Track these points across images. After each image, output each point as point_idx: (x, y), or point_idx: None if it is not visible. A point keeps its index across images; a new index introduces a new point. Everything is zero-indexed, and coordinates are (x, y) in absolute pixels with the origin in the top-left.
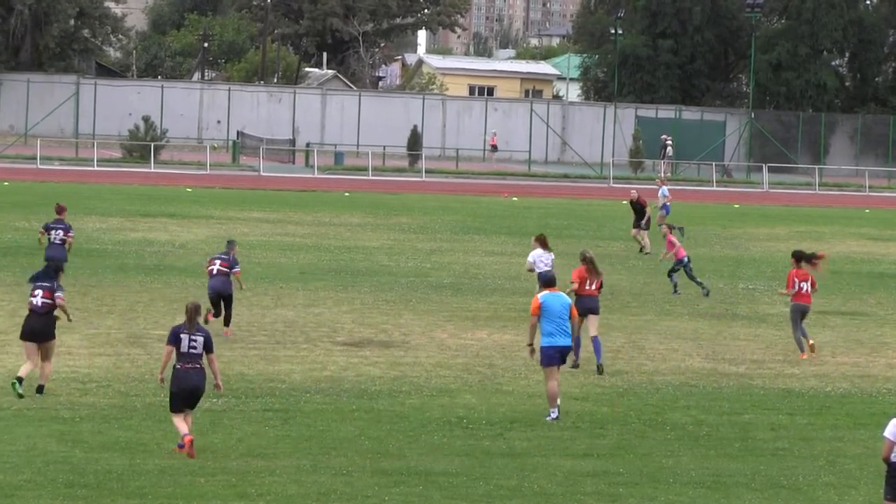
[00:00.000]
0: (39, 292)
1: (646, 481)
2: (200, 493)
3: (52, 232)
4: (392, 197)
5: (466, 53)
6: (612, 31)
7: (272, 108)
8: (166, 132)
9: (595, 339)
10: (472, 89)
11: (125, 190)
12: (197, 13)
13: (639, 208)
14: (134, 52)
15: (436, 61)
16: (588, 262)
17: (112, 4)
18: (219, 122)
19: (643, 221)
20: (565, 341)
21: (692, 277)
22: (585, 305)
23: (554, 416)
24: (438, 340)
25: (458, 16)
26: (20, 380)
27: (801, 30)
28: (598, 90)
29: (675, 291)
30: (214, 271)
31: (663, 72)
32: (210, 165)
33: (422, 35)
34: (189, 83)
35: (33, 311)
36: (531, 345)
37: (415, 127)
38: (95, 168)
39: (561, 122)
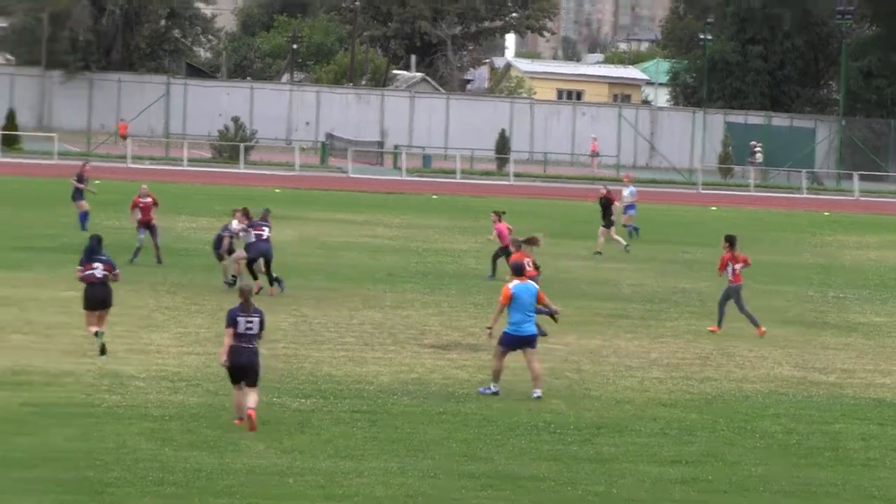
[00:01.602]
0: (99, 265)
1: (735, 489)
2: (289, 493)
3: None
4: (479, 200)
5: (555, 57)
6: (701, 37)
7: (361, 110)
8: (255, 133)
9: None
10: (560, 93)
11: (214, 190)
12: (286, 15)
13: (606, 205)
14: (224, 53)
15: (524, 65)
16: (519, 245)
17: (202, 5)
18: (307, 123)
19: (609, 219)
20: (530, 329)
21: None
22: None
23: (494, 389)
24: None
25: (547, 20)
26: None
27: (892, 37)
28: (687, 95)
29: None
30: (264, 236)
31: (753, 78)
32: (299, 167)
33: (510, 39)
34: (278, 85)
35: (95, 282)
36: (490, 328)
37: (503, 130)
38: (185, 168)
39: (649, 127)
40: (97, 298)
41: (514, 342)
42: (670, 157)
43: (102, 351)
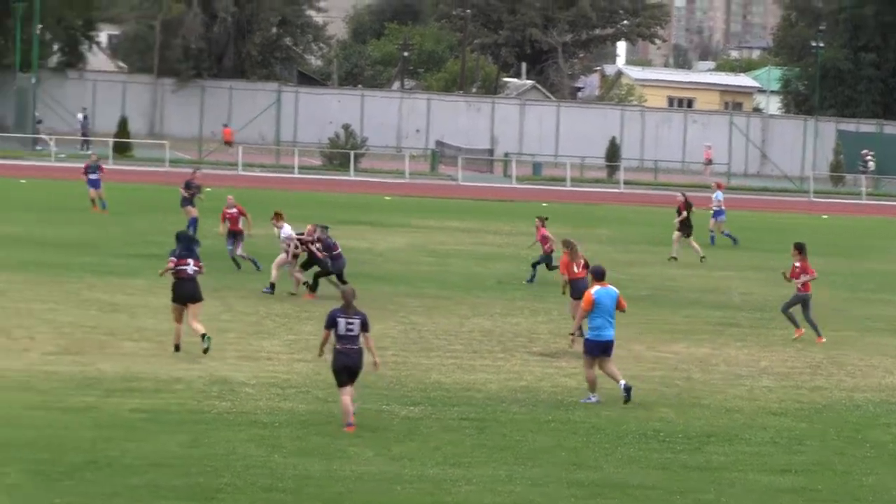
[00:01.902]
0: (192, 261)
1: (845, 499)
2: (397, 500)
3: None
4: (590, 208)
5: (666, 65)
6: (813, 44)
7: (471, 117)
8: (366, 140)
9: None
10: (671, 101)
11: (324, 198)
12: (397, 22)
13: (687, 211)
14: (335, 60)
15: (635, 72)
16: (569, 246)
17: (313, 13)
18: (418, 131)
19: (683, 225)
20: (610, 334)
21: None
22: (580, 288)
23: (594, 399)
24: (635, 352)
25: (658, 27)
26: (204, 335)
27: None
28: (799, 103)
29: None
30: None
31: (865, 86)
32: (409, 174)
33: (621, 46)
34: (389, 92)
35: (185, 277)
36: (573, 334)
37: (613, 138)
38: (296, 175)
39: (760, 135)
40: (186, 293)
41: (596, 348)
42: (781, 165)
43: (206, 350)
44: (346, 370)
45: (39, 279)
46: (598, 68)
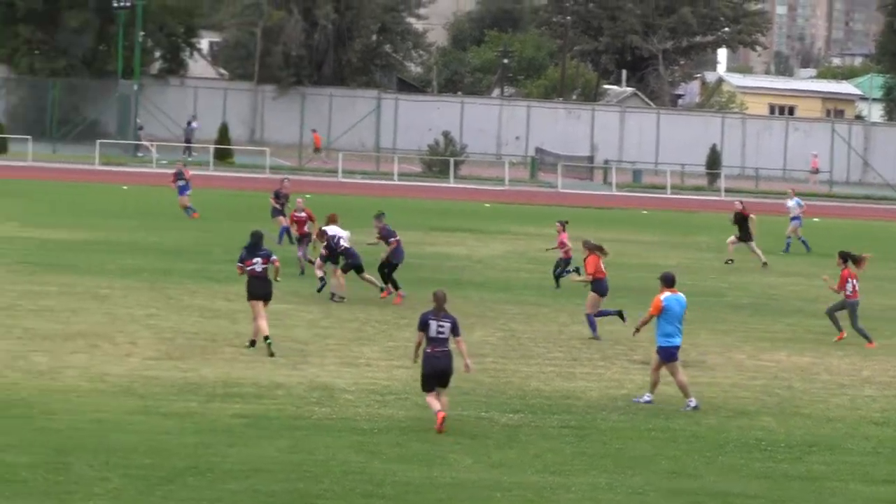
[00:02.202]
0: (259, 260)
1: None
2: None
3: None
4: (690, 215)
5: (767, 72)
6: None
7: (570, 124)
8: (465, 147)
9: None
10: (772, 108)
11: (424, 204)
12: (497, 30)
13: (741, 220)
14: (434, 67)
15: (736, 80)
16: (597, 249)
17: (413, 20)
18: (517, 138)
19: (747, 233)
20: (679, 341)
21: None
22: (605, 287)
23: (693, 404)
24: (736, 361)
25: (759, 34)
26: (266, 338)
27: None
28: None
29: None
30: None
31: None
32: (508, 181)
33: (722, 53)
34: (488, 99)
35: (255, 276)
36: (638, 330)
37: (714, 145)
38: (395, 182)
39: (863, 143)
40: (258, 290)
41: (669, 354)
42: (884, 173)
43: (270, 350)
44: (437, 373)
45: (141, 285)
46: (699, 75)
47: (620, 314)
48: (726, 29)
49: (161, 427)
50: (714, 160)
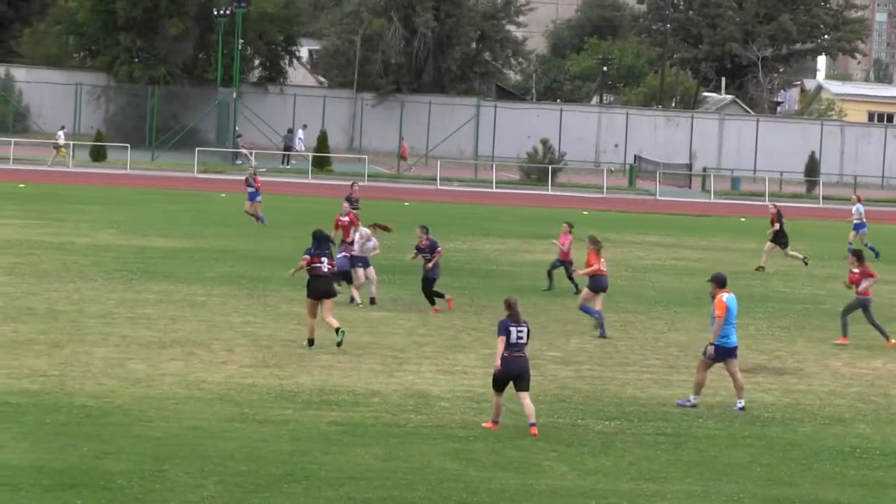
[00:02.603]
0: (325, 259)
1: None
2: None
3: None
4: (788, 223)
5: (866, 79)
6: None
7: (669, 132)
8: (564, 155)
9: (600, 313)
10: (871, 116)
11: (522, 212)
12: (597, 37)
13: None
14: (534, 75)
15: (835, 87)
16: (596, 243)
17: (513, 28)
18: (616, 145)
19: (782, 238)
20: (735, 340)
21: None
22: (602, 284)
23: (693, 401)
24: (832, 368)
25: (859, 41)
26: (339, 329)
27: None
28: None
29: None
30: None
31: None
32: (606, 189)
33: (821, 61)
34: (587, 107)
35: (321, 275)
36: (713, 344)
37: (812, 153)
38: (493, 190)
39: None
40: (321, 289)
41: (723, 354)
42: None
43: (339, 344)
44: (519, 377)
45: (238, 292)
46: (798, 83)
47: (600, 325)
48: (826, 36)
49: (257, 434)
50: (812, 167)
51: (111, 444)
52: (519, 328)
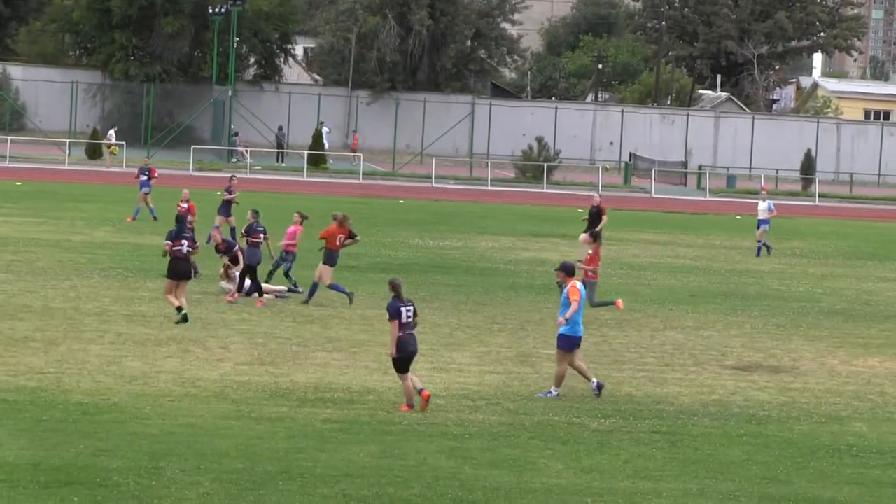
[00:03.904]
0: (185, 242)
1: None
2: None
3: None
4: (784, 221)
5: (862, 77)
6: None
7: (665, 130)
8: (559, 153)
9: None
10: (867, 113)
11: (517, 210)
12: (592, 35)
13: (595, 214)
14: (529, 73)
15: (831, 85)
16: (340, 220)
17: (508, 26)
18: (611, 143)
19: (596, 230)
20: (582, 330)
21: None
22: (335, 258)
23: (555, 393)
24: (829, 366)
25: (855, 39)
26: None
27: None
28: None
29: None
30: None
31: None
32: (602, 186)
33: (817, 58)
34: (582, 104)
35: (181, 257)
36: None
37: (808, 151)
38: (488, 188)
39: None
40: (181, 271)
41: (577, 344)
42: None
43: (184, 319)
44: (409, 356)
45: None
46: (794, 80)
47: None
48: (822, 34)
49: (253, 432)
50: (808, 165)
51: (107, 441)
52: (407, 308)
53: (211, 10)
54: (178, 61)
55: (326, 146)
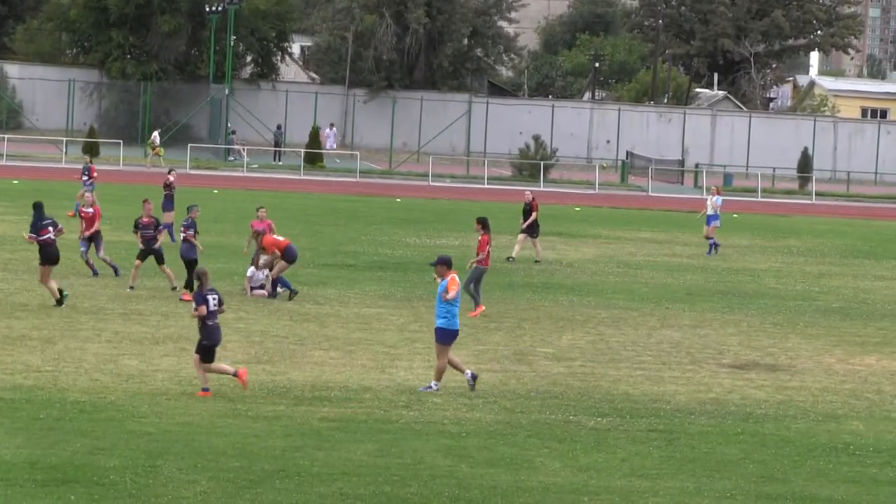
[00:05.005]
0: (51, 228)
1: None
2: None
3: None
4: (781, 219)
5: (859, 75)
6: None
7: (661, 128)
8: (556, 151)
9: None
10: (864, 112)
11: (514, 208)
12: (588, 33)
13: (528, 211)
14: (525, 71)
15: (828, 83)
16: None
17: (505, 24)
18: (608, 141)
19: (525, 225)
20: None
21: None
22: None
23: (435, 387)
24: (826, 365)
25: (852, 37)
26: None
27: None
28: None
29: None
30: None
31: None
32: (598, 185)
33: (814, 56)
34: (579, 103)
35: (51, 243)
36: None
37: (805, 149)
38: (485, 186)
39: None
40: (54, 255)
41: (453, 336)
42: None
43: (61, 301)
44: (216, 344)
45: (231, 289)
46: (791, 79)
47: None
48: (819, 32)
49: (249, 430)
50: (805, 164)
51: (104, 439)
52: (213, 296)
53: (208, 9)
54: (174, 60)
55: (334, 147)
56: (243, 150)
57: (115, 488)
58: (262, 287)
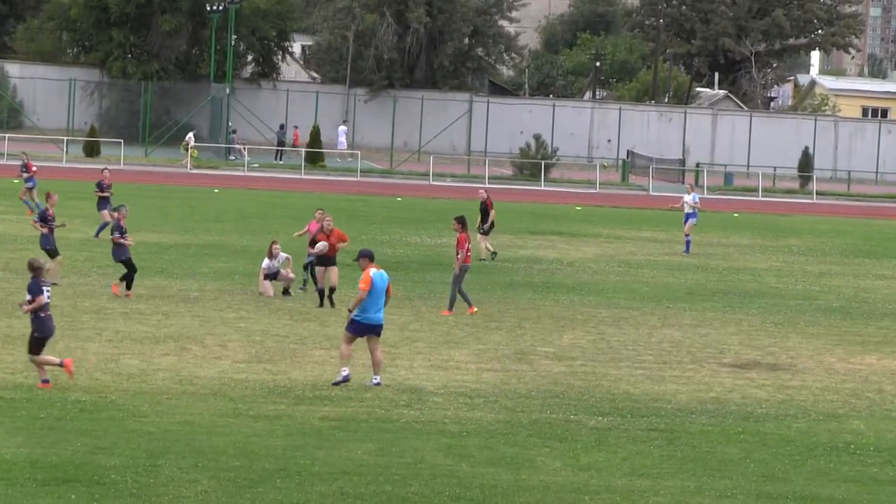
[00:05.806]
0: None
1: None
2: None
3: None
4: (782, 218)
5: (860, 74)
6: None
7: (662, 127)
8: (557, 150)
9: None
10: (865, 111)
11: (515, 207)
12: (589, 32)
13: (484, 210)
14: (526, 70)
15: (828, 82)
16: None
17: (505, 23)
18: (609, 141)
19: (486, 225)
20: (381, 318)
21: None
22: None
23: (346, 372)
24: (826, 364)
25: (853, 36)
26: None
27: None
28: None
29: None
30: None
31: None
32: (599, 184)
33: (815, 56)
34: (580, 102)
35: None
36: (351, 311)
37: (806, 148)
38: (486, 185)
39: None
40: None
41: (366, 329)
42: None
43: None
44: (51, 335)
45: (232, 288)
46: (792, 78)
47: None
48: (819, 31)
49: (250, 429)
50: (806, 163)
51: (105, 438)
52: (48, 288)
53: (209, 8)
54: (175, 59)
55: (345, 146)
56: (244, 149)
57: (115, 488)
58: (276, 276)
